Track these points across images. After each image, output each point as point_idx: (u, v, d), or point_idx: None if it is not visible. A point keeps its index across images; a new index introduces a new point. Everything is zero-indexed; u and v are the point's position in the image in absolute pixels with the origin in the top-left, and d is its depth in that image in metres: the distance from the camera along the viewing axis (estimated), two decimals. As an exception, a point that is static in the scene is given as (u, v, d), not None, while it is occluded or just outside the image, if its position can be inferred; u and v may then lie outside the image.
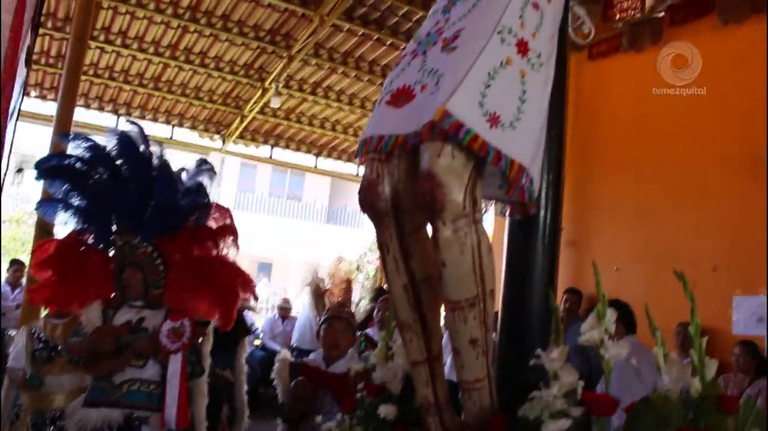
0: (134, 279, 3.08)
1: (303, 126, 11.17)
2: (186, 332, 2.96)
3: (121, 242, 3.07)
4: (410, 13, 8.37)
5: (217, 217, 3.41)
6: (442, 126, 1.45)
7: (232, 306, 3.32)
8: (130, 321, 3.07)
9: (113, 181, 3.16)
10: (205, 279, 3.26)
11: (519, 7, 1.62)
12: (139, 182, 3.17)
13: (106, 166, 3.17)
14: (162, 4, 8.32)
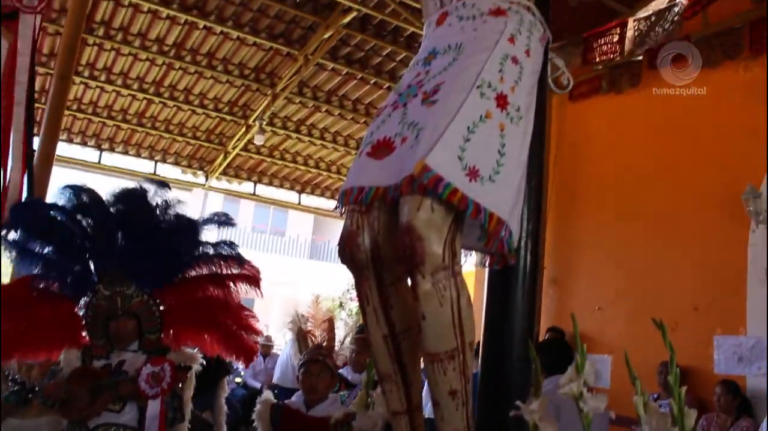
0: (127, 328, 3.01)
1: (286, 163, 11.20)
2: (166, 377, 2.90)
3: (108, 291, 3.00)
4: (394, 53, 8.50)
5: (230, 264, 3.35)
6: (421, 180, 1.46)
7: (245, 345, 3.26)
8: (109, 364, 3.00)
9: (102, 230, 3.10)
10: (206, 320, 3.20)
11: (498, 61, 1.65)
12: (137, 229, 3.10)
13: (96, 215, 3.11)
14: (147, 42, 8.37)
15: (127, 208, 3.14)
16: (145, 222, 3.12)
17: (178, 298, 3.19)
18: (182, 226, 3.22)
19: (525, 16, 1.79)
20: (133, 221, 3.11)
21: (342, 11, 7.45)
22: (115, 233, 3.08)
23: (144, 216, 3.13)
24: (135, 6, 7.73)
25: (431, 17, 1.92)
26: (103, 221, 3.10)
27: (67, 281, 3.05)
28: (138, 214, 3.13)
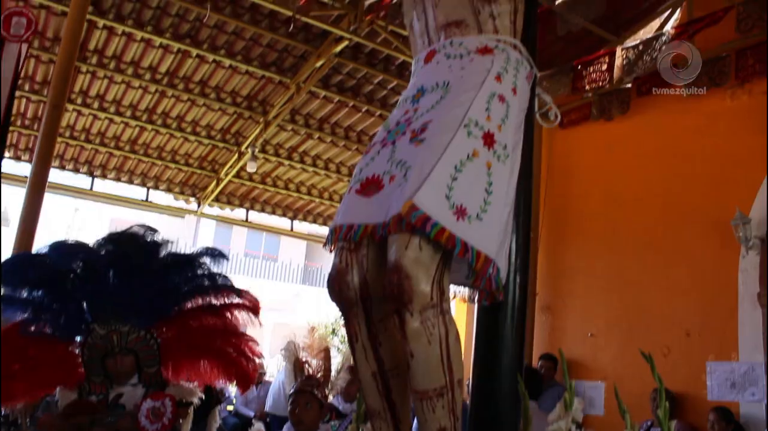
0: (125, 365, 2.98)
1: (279, 190, 11.21)
2: (167, 412, 2.87)
3: (104, 330, 2.99)
4: (385, 81, 8.57)
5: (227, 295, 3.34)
6: (409, 219, 1.48)
7: (244, 371, 3.24)
8: (106, 397, 2.98)
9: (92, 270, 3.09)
10: (204, 348, 3.18)
11: (485, 100, 1.67)
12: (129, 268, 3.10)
13: (84, 256, 3.10)
14: (140, 70, 8.42)
15: (116, 248, 3.14)
16: (135, 261, 3.12)
17: (175, 330, 3.18)
18: (174, 263, 3.22)
19: (511, 54, 1.81)
20: (124, 260, 3.11)
21: (334, 40, 7.51)
22: (107, 273, 3.08)
23: (134, 255, 3.13)
24: (128, 35, 7.77)
25: (420, 54, 1.95)
26: (92, 261, 3.09)
27: (60, 323, 3.04)
28: (128, 253, 3.13)
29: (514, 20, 1.88)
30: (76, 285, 3.07)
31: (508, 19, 1.86)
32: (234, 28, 7.65)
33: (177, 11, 7.41)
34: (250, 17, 7.49)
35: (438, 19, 1.90)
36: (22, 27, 4.08)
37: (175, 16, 7.48)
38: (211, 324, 3.27)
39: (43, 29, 7.69)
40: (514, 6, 1.88)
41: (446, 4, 1.88)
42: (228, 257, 3.49)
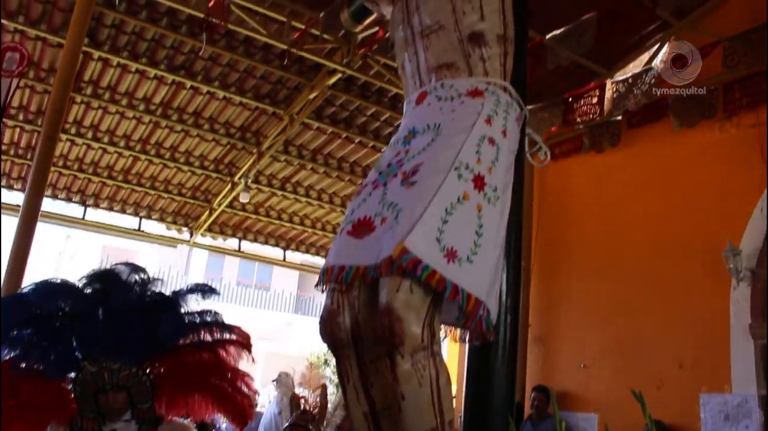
0: (117, 401, 2.97)
1: (272, 220, 11.23)
2: (160, 449, 2.85)
3: (95, 368, 2.97)
4: (378, 113, 8.64)
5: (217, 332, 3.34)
6: (400, 262, 1.49)
7: (239, 407, 3.22)
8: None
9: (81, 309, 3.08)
10: (199, 384, 3.17)
11: (476, 143, 1.69)
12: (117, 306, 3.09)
13: (72, 295, 3.10)
14: (135, 101, 8.46)
15: (103, 286, 3.14)
16: (124, 299, 3.11)
17: (168, 365, 3.16)
18: (163, 301, 3.21)
19: (501, 96, 1.84)
20: (112, 298, 3.10)
21: (327, 73, 7.58)
22: (95, 311, 3.07)
23: (122, 293, 3.13)
24: (123, 66, 7.83)
25: (411, 96, 1.97)
26: (80, 300, 3.09)
27: (50, 361, 3.02)
28: (115, 291, 3.13)
29: (504, 63, 1.91)
30: (64, 324, 3.06)
31: (498, 61, 1.89)
32: (228, 61, 7.72)
33: (172, 43, 7.47)
34: (245, 50, 7.57)
35: (429, 61, 1.93)
36: (14, 62, 4.12)
37: (170, 49, 7.55)
38: (204, 359, 3.26)
39: (38, 60, 7.74)
40: (504, 49, 1.92)
41: (437, 46, 1.91)
42: (218, 293, 3.49)
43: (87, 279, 3.16)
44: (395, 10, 2.09)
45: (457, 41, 1.88)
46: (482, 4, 1.90)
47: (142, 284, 3.23)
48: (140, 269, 3.30)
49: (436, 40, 1.91)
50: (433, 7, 1.93)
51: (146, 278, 3.26)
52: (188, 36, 7.23)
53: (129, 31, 7.30)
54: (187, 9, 6.45)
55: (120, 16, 7.00)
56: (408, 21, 2.00)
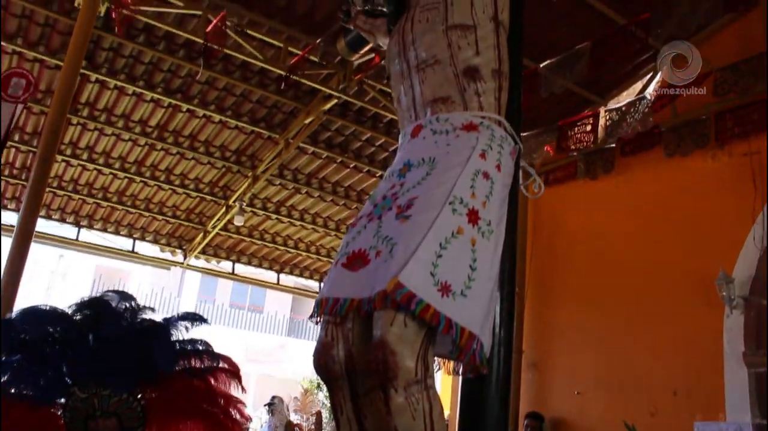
0: (107, 428, 2.95)
1: (266, 243, 11.24)
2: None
3: (84, 394, 2.96)
4: (373, 139, 8.69)
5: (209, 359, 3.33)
6: (394, 297, 1.50)
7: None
8: None
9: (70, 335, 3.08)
10: (191, 411, 3.15)
11: (470, 177, 1.71)
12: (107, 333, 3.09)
13: (62, 322, 3.10)
14: (131, 123, 8.48)
15: (94, 313, 3.14)
16: (114, 326, 3.11)
17: (159, 392, 3.15)
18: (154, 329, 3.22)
19: (496, 131, 1.86)
20: (102, 325, 3.10)
21: (323, 98, 7.63)
22: (86, 337, 3.07)
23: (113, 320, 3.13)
24: (120, 88, 7.86)
25: (406, 128, 1.99)
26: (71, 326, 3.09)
27: (39, 386, 3.01)
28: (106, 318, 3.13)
29: (499, 97, 1.93)
30: (54, 350, 3.05)
31: (492, 96, 1.92)
32: (225, 85, 7.76)
33: (169, 67, 7.52)
34: (241, 74, 7.61)
35: (425, 94, 1.95)
36: (20, 88, 4.13)
37: (167, 72, 7.59)
38: (195, 386, 3.25)
39: (35, 81, 7.75)
40: (499, 83, 1.94)
41: (433, 80, 1.94)
42: (208, 321, 3.50)
43: (77, 306, 3.17)
44: (391, 43, 2.12)
45: (452, 75, 1.91)
46: (478, 39, 1.93)
47: (132, 311, 3.24)
48: (130, 296, 3.31)
49: (432, 74, 1.94)
50: (429, 42, 1.96)
51: (136, 306, 3.27)
52: (185, 60, 7.27)
53: (127, 54, 7.34)
54: (184, 34, 6.50)
55: (118, 40, 7.04)
56: (404, 54, 2.03)
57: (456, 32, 1.93)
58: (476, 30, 1.94)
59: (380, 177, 9.25)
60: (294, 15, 6.49)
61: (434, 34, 1.96)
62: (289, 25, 6.59)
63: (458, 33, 1.93)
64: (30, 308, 3.18)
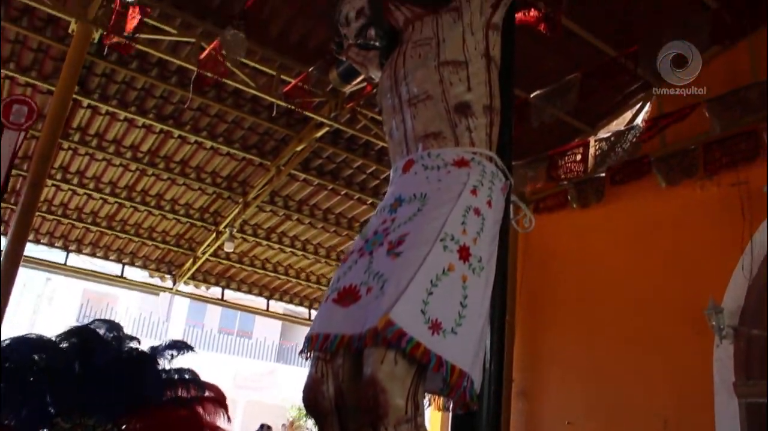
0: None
1: (256, 269, 11.21)
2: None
3: (68, 424, 2.93)
4: (364, 166, 8.73)
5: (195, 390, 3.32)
6: (385, 334, 1.49)
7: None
8: None
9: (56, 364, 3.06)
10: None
11: (461, 213, 1.71)
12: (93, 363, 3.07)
13: (48, 351, 3.08)
14: (122, 148, 8.49)
15: (81, 342, 3.13)
16: (101, 355, 3.10)
17: (145, 421, 3.13)
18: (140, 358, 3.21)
19: (487, 167, 1.87)
20: (89, 354, 3.09)
21: (315, 126, 7.66)
22: (71, 366, 3.05)
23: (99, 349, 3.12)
24: (112, 114, 7.88)
25: (398, 163, 1.99)
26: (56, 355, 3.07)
27: (21, 416, 2.98)
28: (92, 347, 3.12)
29: (490, 133, 1.94)
30: (38, 379, 3.03)
31: (484, 131, 1.92)
32: (217, 111, 7.79)
33: (161, 93, 7.54)
34: (233, 101, 7.65)
35: (416, 129, 1.95)
36: (22, 115, 4.13)
37: (159, 98, 7.62)
38: (182, 415, 3.23)
39: (38, 108, 7.76)
40: (490, 119, 1.95)
41: (424, 115, 1.94)
42: (194, 350, 3.49)
43: (64, 334, 3.15)
44: (384, 78, 2.13)
45: (444, 111, 1.91)
46: (469, 75, 1.95)
47: (119, 340, 3.23)
48: (117, 326, 3.31)
49: (424, 109, 1.94)
50: (421, 77, 1.97)
51: (124, 335, 3.26)
52: (178, 86, 7.30)
53: (119, 80, 7.37)
54: (177, 61, 6.52)
55: (111, 66, 7.06)
56: (396, 89, 2.04)
57: (448, 68, 1.95)
58: (468, 66, 1.95)
59: (371, 205, 9.29)
60: (287, 44, 6.54)
61: (426, 70, 1.97)
62: (281, 53, 6.63)
63: (450, 69, 1.95)
64: (17, 337, 3.17)
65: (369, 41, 2.27)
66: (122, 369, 3.12)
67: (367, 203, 9.39)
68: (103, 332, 3.25)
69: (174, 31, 6.31)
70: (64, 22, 6.20)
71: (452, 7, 2.06)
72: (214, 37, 5.97)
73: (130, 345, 3.28)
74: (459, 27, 2.00)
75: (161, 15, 6.15)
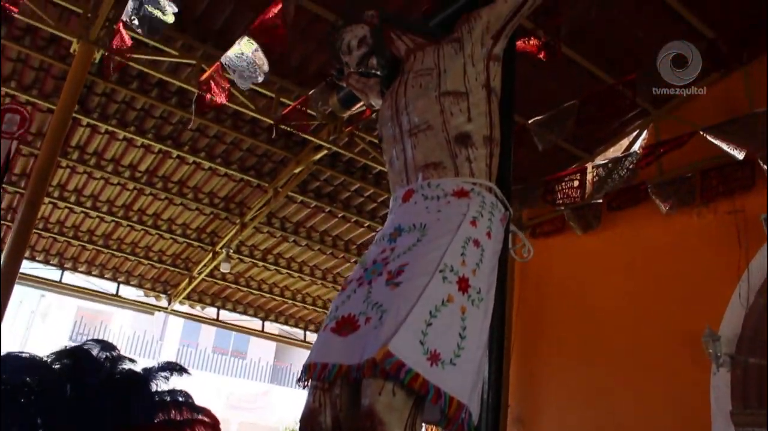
0: None
1: (251, 290, 11.20)
2: None
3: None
4: (362, 189, 8.75)
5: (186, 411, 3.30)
6: (383, 366, 1.49)
7: None
8: None
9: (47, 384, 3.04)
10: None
11: (461, 245, 1.71)
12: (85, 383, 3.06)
13: (40, 371, 3.07)
14: (120, 167, 8.50)
15: (73, 363, 3.12)
16: (93, 376, 3.08)
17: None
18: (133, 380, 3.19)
19: (487, 198, 1.87)
20: (81, 375, 3.07)
21: (313, 148, 7.68)
22: (63, 387, 3.03)
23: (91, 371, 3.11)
24: (111, 133, 7.90)
25: (398, 192, 2.00)
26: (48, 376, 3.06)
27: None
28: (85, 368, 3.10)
29: (490, 163, 1.95)
30: (28, 400, 3.01)
31: (484, 162, 1.93)
32: (216, 132, 7.82)
33: (161, 114, 7.57)
34: (232, 123, 7.67)
35: (417, 159, 1.96)
36: (14, 124, 4.13)
37: (159, 118, 7.64)
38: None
39: (30, 117, 7.78)
40: (490, 150, 1.96)
41: (425, 145, 1.95)
42: (189, 373, 3.48)
43: (57, 355, 3.14)
44: (384, 107, 2.14)
45: (444, 141, 1.92)
46: (470, 106, 1.96)
47: (112, 361, 3.21)
48: (111, 346, 3.29)
49: (424, 139, 1.95)
50: (422, 107, 1.98)
51: (117, 356, 3.25)
52: (177, 107, 7.33)
53: (119, 99, 7.40)
54: (177, 82, 6.56)
55: (111, 85, 7.10)
56: (397, 118, 2.05)
57: (449, 99, 1.96)
58: (468, 97, 1.97)
59: (368, 227, 9.30)
60: (287, 67, 6.58)
61: (427, 100, 1.99)
62: (281, 76, 6.67)
63: (451, 99, 1.96)
64: (9, 355, 3.15)
65: (370, 70, 2.28)
66: (114, 391, 3.10)
67: (364, 225, 9.40)
68: (97, 352, 3.23)
69: (175, 52, 6.35)
70: (66, 41, 6.24)
71: (454, 38, 2.08)
72: (215, 59, 6.00)
73: (124, 366, 3.26)
74: (460, 58, 2.02)
75: (162, 37, 6.18)
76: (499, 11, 2.08)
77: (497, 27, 2.08)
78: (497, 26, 2.07)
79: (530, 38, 5.10)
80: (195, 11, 6.09)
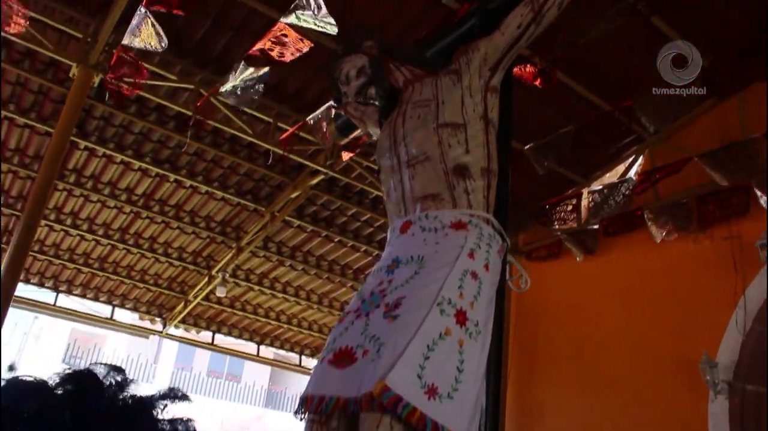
0: None
1: (247, 314, 11.16)
2: None
3: None
4: (359, 214, 8.75)
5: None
6: (381, 400, 1.49)
7: None
8: None
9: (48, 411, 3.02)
10: None
11: (458, 277, 1.71)
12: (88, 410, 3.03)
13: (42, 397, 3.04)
14: (117, 190, 8.49)
15: (76, 388, 3.09)
16: (95, 403, 3.06)
17: None
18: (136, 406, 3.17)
19: (484, 229, 1.88)
20: (83, 401, 3.04)
21: (310, 173, 7.69)
22: (63, 414, 3.01)
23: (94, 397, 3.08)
24: (108, 157, 7.90)
25: (395, 223, 2.00)
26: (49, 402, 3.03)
27: None
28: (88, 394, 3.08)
29: (488, 195, 1.96)
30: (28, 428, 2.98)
31: (481, 194, 1.94)
32: (213, 157, 7.82)
33: (158, 138, 7.58)
34: (230, 147, 7.69)
35: (414, 190, 1.96)
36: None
37: (156, 142, 7.65)
38: None
39: (24, 147, 7.81)
40: (488, 181, 1.97)
41: (423, 176, 1.96)
42: (190, 400, 3.45)
43: (61, 379, 3.11)
44: (383, 137, 2.15)
45: (442, 173, 1.93)
46: (468, 137, 1.97)
47: (118, 386, 3.18)
48: (119, 369, 3.26)
49: (422, 171, 1.96)
50: (420, 139, 1.99)
51: (123, 380, 3.22)
52: (175, 131, 7.34)
53: (117, 123, 7.41)
54: (175, 106, 6.58)
55: (110, 109, 7.12)
56: (395, 149, 2.06)
57: (446, 130, 1.97)
58: (466, 129, 1.98)
59: (364, 252, 9.29)
60: (285, 92, 6.62)
61: (425, 131, 1.99)
62: (279, 101, 6.70)
63: (449, 131, 1.97)
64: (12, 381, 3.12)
65: (369, 100, 2.29)
66: (116, 418, 3.07)
67: (361, 250, 9.40)
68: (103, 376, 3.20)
69: (174, 77, 6.38)
70: (65, 65, 6.26)
71: (452, 70, 2.09)
72: (213, 83, 6.03)
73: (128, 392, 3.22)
74: (458, 89, 2.04)
75: (161, 61, 6.22)
76: (497, 43, 2.09)
77: (495, 59, 2.09)
78: (495, 58, 2.09)
79: (526, 65, 5.14)
80: (194, 37, 6.13)
